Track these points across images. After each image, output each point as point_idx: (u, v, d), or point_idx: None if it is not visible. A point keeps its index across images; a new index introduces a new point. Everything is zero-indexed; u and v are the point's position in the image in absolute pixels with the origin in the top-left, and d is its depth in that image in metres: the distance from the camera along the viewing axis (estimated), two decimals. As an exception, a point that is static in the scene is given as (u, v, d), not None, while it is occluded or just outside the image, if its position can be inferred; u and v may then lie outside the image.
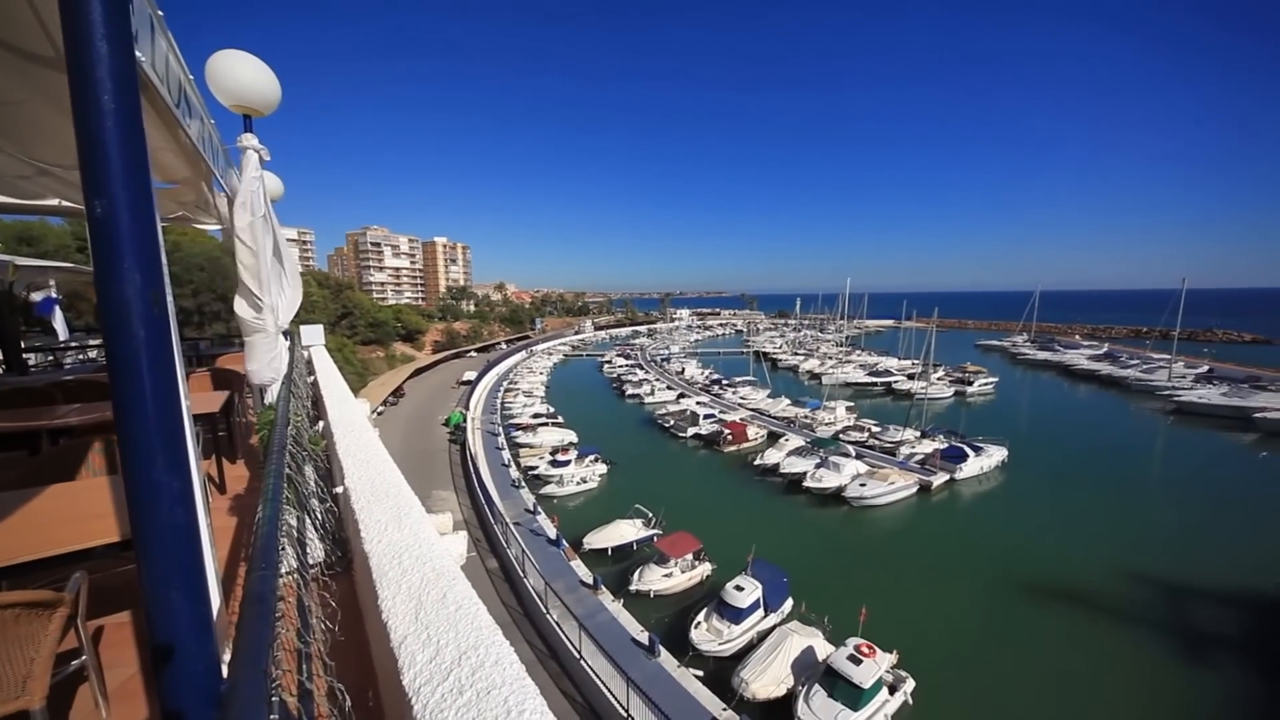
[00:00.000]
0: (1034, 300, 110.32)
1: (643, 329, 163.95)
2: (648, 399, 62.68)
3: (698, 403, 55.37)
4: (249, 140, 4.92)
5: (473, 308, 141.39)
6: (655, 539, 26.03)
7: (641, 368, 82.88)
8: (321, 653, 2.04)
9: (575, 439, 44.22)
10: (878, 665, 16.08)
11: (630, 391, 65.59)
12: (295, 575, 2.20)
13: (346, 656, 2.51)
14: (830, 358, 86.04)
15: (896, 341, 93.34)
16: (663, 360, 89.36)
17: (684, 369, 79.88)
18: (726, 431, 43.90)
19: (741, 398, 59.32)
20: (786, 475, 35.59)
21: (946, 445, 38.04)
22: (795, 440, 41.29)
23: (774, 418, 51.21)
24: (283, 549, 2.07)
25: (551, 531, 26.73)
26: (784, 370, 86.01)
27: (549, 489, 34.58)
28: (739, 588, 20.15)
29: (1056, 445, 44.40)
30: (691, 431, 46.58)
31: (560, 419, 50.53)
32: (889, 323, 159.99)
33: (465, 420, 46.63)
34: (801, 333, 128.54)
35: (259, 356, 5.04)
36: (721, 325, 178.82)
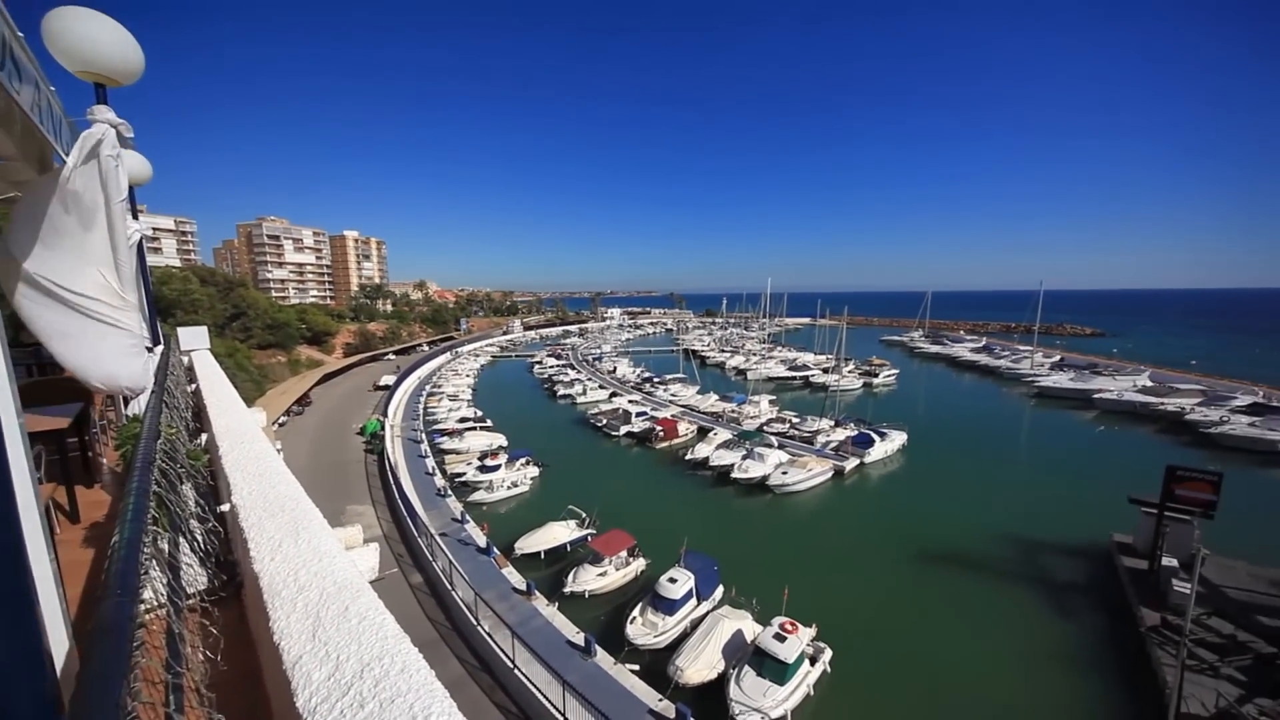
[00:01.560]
0: (926, 301, 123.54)
1: (574, 328, 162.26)
2: (580, 399, 62.21)
3: (630, 401, 55.83)
4: (102, 113, 4.26)
5: (390, 307, 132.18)
6: (589, 539, 25.95)
7: (573, 367, 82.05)
8: (198, 684, 1.84)
9: (505, 442, 42.87)
10: (800, 640, 17.22)
11: (562, 392, 64.74)
12: (166, 604, 1.96)
13: (233, 686, 2.28)
14: (754, 354, 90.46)
15: (813, 338, 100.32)
16: (594, 360, 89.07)
17: (616, 368, 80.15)
18: (658, 428, 44.71)
19: (672, 395, 60.66)
20: (716, 468, 36.95)
21: (856, 433, 41.45)
22: (724, 434, 42.97)
23: (703, 413, 52.92)
24: (146, 575, 1.84)
25: (481, 540, 25.72)
26: (712, 367, 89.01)
27: (478, 495, 33.24)
28: (672, 580, 20.64)
29: (946, 427, 50.11)
30: (624, 430, 46.91)
31: (489, 422, 48.75)
32: (806, 320, 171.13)
33: (384, 428, 43.51)
34: (728, 331, 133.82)
35: (108, 355, 4.05)
36: (652, 324, 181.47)
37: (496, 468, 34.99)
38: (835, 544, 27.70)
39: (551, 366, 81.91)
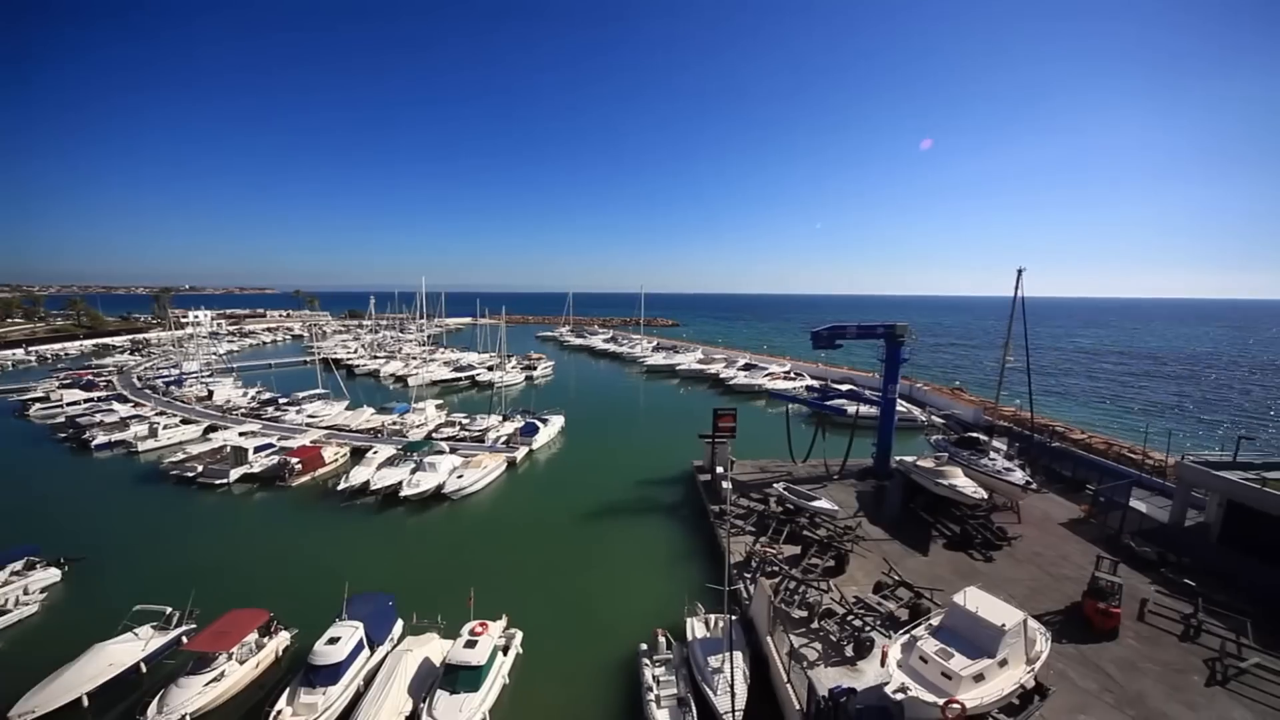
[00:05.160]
0: (569, 301, 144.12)
1: (122, 340, 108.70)
2: (144, 445, 42.40)
3: (242, 434, 42.08)
4: None
5: None
6: (184, 640, 18.33)
7: (124, 400, 55.06)
8: None
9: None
10: (491, 637, 17.43)
11: (105, 440, 42.46)
12: None
13: None
14: (415, 358, 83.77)
15: (475, 338, 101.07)
16: (170, 384, 62.30)
17: (212, 392, 58.62)
18: (293, 461, 35.51)
19: (311, 416, 49.28)
20: (381, 490, 32.51)
21: (523, 423, 44.65)
22: (386, 450, 38.12)
23: (357, 432, 45.38)
24: None
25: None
26: (363, 377, 77.29)
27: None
28: (332, 640, 17.03)
29: (592, 404, 60.52)
30: (237, 474, 35.05)
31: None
32: (467, 320, 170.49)
33: None
34: (380, 334, 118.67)
35: None
36: (269, 330, 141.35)
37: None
38: (515, 531, 29.18)
39: (78, 404, 52.46)
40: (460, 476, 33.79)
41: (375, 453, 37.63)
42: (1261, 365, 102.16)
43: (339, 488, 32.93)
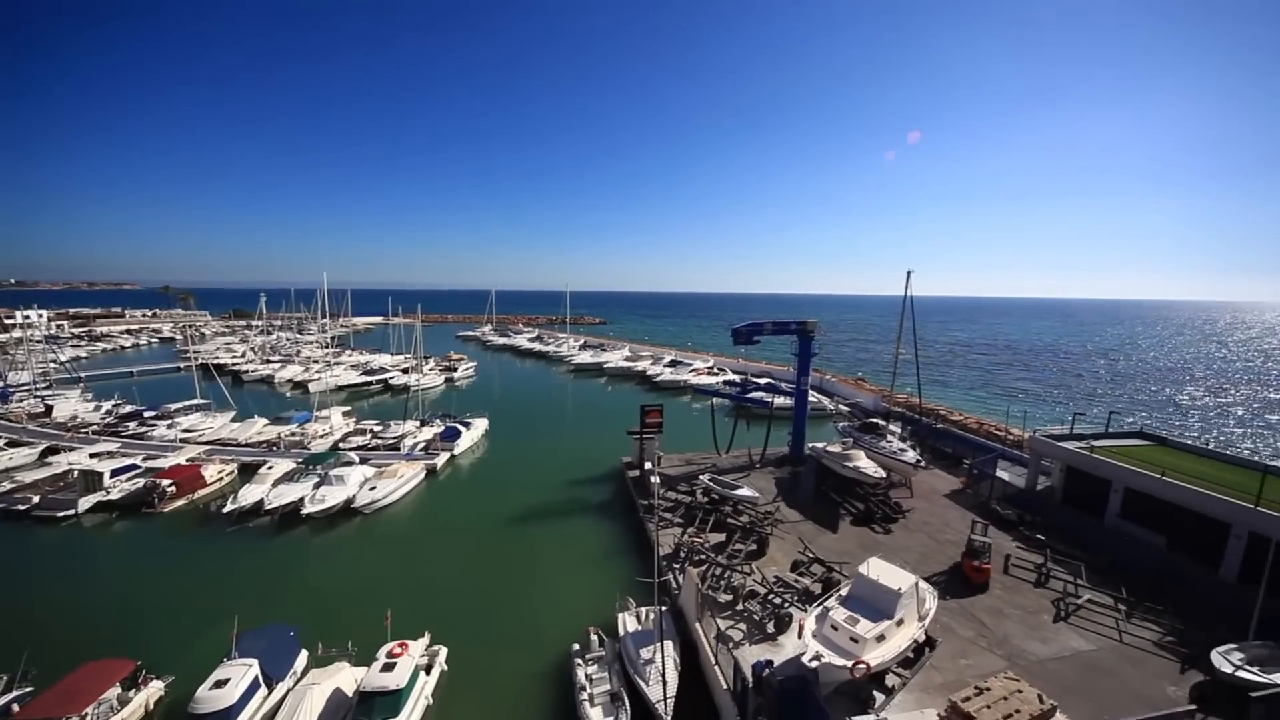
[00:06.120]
0: (491, 299, 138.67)
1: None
2: (-44, 474, 34.62)
3: (95, 455, 35.87)
4: None
5: None
6: (14, 709, 15.26)
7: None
8: None
9: None
10: (411, 657, 16.36)
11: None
12: None
13: None
14: (317, 361, 76.21)
15: (387, 338, 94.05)
16: (-11, 400, 51.33)
17: (50, 407, 49.27)
18: (164, 482, 30.85)
19: (187, 430, 43.14)
20: (277, 509, 29.23)
21: (444, 428, 42.33)
22: (283, 464, 34.33)
23: (246, 446, 40.43)
24: None
25: None
26: (254, 384, 69.04)
27: None
28: (219, 683, 15.05)
29: (517, 405, 58.88)
30: (88, 502, 29.79)
31: None
32: (378, 320, 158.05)
33: None
34: (274, 336, 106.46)
35: None
36: (130, 333, 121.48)
37: None
38: (438, 542, 27.61)
39: None
40: (373, 488, 31.33)
41: (270, 468, 33.76)
42: (1090, 354, 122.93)
43: (225, 510, 29.15)
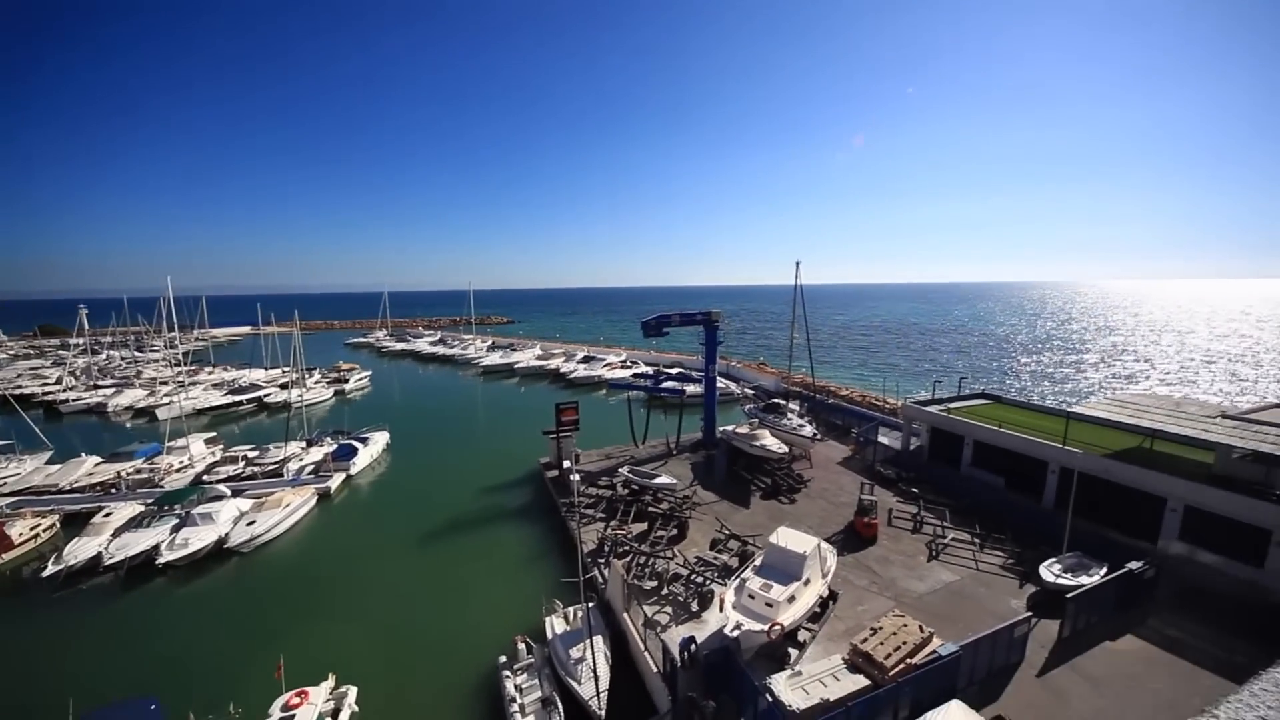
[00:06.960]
0: (384, 301, 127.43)
1: None
2: None
3: None
4: None
5: None
6: None
7: None
8: None
9: None
10: (314, 705, 14.72)
11: None
12: None
13: None
14: (166, 382, 64.64)
15: (259, 350, 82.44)
16: None
17: None
18: (-49, 550, 24.39)
19: (-20, 481, 34.38)
20: (122, 563, 24.48)
21: (335, 446, 38.24)
22: (127, 509, 28.82)
23: (72, 492, 33.29)
24: None
25: None
26: (76, 415, 56.98)
27: None
28: (58, 779, 12.37)
29: (422, 415, 55.07)
30: None
31: None
32: (245, 330, 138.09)
33: None
34: (103, 356, 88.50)
35: None
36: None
37: None
38: (336, 572, 24.93)
39: None
40: (251, 523, 27.50)
41: (108, 514, 28.17)
42: (945, 330, 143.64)
43: (45, 574, 23.77)
